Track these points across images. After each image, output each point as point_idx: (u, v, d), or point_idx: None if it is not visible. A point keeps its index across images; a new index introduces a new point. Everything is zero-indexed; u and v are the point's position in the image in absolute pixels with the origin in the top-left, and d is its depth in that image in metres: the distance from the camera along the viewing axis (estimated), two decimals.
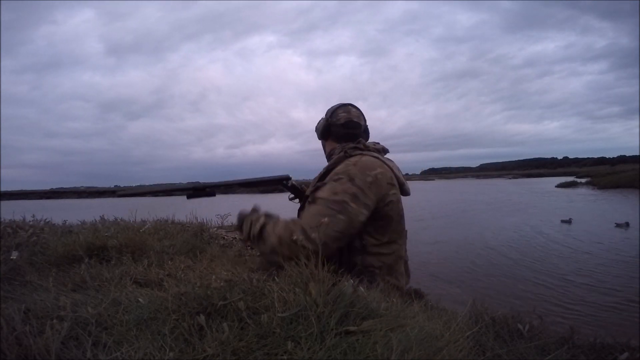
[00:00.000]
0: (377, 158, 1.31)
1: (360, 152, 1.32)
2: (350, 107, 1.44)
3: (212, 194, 1.39)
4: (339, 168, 1.25)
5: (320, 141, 1.54)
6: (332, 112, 1.43)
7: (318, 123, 1.49)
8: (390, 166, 1.32)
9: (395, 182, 1.30)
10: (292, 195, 1.49)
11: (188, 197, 1.39)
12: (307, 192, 1.38)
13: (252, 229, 1.24)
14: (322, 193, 1.20)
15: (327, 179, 1.26)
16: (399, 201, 1.31)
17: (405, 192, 1.38)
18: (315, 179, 1.38)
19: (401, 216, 1.33)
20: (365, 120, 1.46)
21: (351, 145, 1.36)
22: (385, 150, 1.43)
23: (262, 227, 1.21)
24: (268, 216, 1.26)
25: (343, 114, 1.41)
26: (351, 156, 1.30)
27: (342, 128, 1.40)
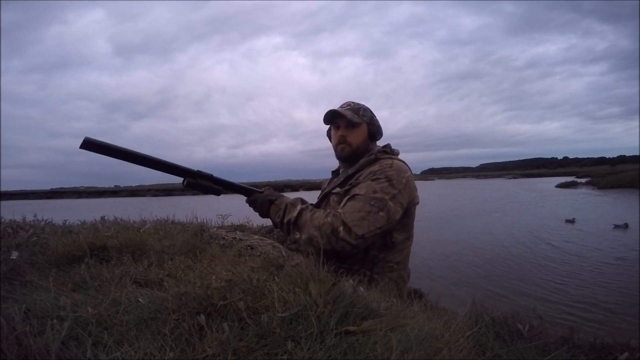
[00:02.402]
0: (403, 162, 1.38)
1: (387, 155, 1.38)
2: None
3: (217, 192, 1.29)
4: (375, 168, 1.30)
5: (351, 136, 1.40)
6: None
7: (376, 122, 1.43)
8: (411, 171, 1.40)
9: (414, 186, 1.36)
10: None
11: (185, 185, 1.24)
12: (327, 190, 1.43)
13: (286, 215, 1.25)
14: (361, 190, 1.23)
15: (362, 177, 1.29)
16: (415, 205, 1.37)
17: None
18: (338, 178, 1.43)
19: (413, 219, 1.40)
20: None
21: (380, 148, 1.42)
22: (398, 153, 1.50)
23: (299, 215, 1.23)
24: (304, 203, 1.30)
25: None
26: (380, 159, 1.35)
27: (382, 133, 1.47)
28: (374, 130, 1.42)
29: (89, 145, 1.04)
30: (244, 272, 1.09)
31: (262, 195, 1.33)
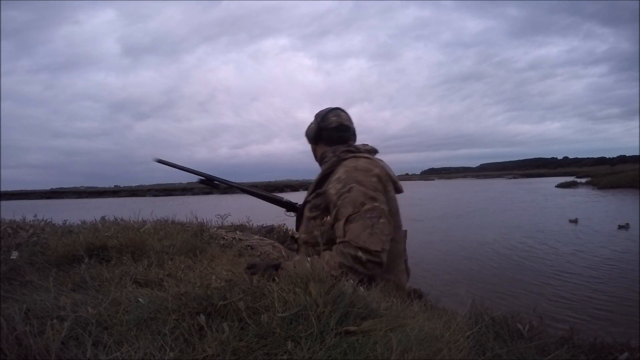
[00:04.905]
0: (369, 159, 1.35)
1: (352, 154, 1.35)
2: (339, 111, 1.47)
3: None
4: (340, 175, 1.27)
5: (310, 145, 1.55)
6: (323, 117, 1.45)
7: (308, 128, 1.50)
8: (382, 165, 1.36)
9: (389, 179, 1.34)
10: (291, 214, 1.61)
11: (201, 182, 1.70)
12: (307, 198, 1.41)
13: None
14: (348, 209, 1.19)
15: (331, 188, 1.27)
16: (394, 199, 1.35)
17: (397, 189, 1.40)
18: (312, 185, 1.41)
19: (397, 212, 1.35)
20: (353, 123, 1.49)
21: (343, 148, 1.39)
22: (375, 151, 1.46)
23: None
24: (304, 256, 1.25)
25: (334, 118, 1.43)
26: (344, 159, 1.33)
27: (335, 132, 1.42)
28: (324, 136, 1.43)
29: (160, 161, 1.62)
30: (244, 272, 1.09)
31: (263, 263, 1.23)
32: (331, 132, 1.42)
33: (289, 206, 1.62)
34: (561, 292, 4.75)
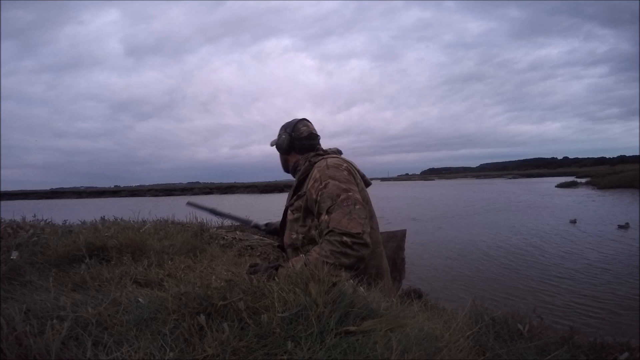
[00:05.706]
0: (337, 157, 1.49)
1: (321, 157, 1.48)
2: (307, 121, 1.61)
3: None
4: (316, 175, 1.39)
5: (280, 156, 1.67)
6: (294, 127, 1.58)
7: (279, 139, 1.61)
8: (350, 162, 1.50)
9: (356, 173, 1.48)
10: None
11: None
12: (288, 203, 1.51)
13: (296, 266, 1.20)
14: (327, 203, 1.30)
15: (311, 188, 1.38)
16: (364, 189, 1.47)
17: (366, 182, 1.54)
18: (291, 191, 1.52)
19: (368, 201, 1.47)
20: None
21: (312, 154, 1.52)
22: (340, 152, 1.60)
23: (307, 259, 1.21)
24: (299, 255, 1.34)
25: (304, 128, 1.57)
26: (315, 162, 1.46)
27: (306, 140, 1.56)
28: (296, 145, 1.55)
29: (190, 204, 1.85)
30: (244, 272, 1.09)
31: (264, 264, 1.29)
32: (303, 141, 1.55)
33: (274, 231, 1.79)
34: (561, 292, 4.75)
